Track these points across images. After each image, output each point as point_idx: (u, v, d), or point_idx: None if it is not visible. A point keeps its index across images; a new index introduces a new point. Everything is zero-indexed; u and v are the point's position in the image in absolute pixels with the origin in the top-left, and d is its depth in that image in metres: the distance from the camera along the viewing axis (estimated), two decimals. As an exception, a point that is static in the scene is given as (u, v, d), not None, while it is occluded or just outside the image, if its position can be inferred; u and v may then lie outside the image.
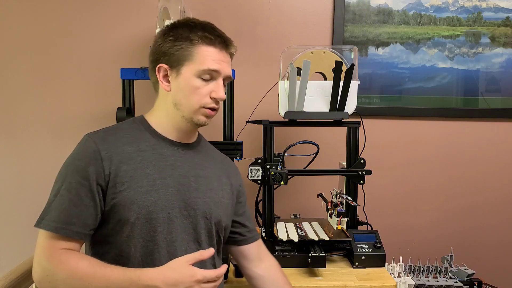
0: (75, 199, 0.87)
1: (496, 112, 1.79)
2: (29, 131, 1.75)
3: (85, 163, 0.89)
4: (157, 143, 0.98)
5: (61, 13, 1.71)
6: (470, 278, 1.42)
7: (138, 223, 0.90)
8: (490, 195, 1.83)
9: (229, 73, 0.99)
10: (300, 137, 1.51)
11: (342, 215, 1.35)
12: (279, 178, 1.33)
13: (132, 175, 0.91)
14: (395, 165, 1.81)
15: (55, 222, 0.86)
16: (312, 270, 1.27)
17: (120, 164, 0.91)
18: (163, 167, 0.96)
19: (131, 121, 1.03)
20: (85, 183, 0.88)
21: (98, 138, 0.93)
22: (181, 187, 0.96)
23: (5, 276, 1.02)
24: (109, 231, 0.91)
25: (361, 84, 1.66)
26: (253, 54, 1.74)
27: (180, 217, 0.95)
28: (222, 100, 0.98)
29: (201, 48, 0.95)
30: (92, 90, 1.74)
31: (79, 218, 0.87)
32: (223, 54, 0.98)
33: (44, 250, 0.86)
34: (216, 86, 0.97)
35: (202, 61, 0.94)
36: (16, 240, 1.75)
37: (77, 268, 0.83)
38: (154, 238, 0.91)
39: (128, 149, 0.94)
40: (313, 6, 1.73)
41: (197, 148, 1.07)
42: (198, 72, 0.94)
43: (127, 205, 0.89)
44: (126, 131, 0.98)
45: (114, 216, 0.90)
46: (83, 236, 0.88)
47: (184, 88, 0.96)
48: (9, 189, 1.77)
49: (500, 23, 1.77)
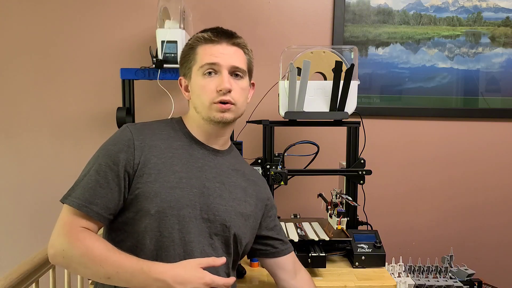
0: (102, 181, 0.89)
1: (496, 112, 1.79)
2: (29, 131, 1.75)
3: (118, 149, 0.92)
4: (188, 144, 1.01)
5: (61, 13, 1.71)
6: (470, 278, 1.42)
7: (158, 216, 0.91)
8: (490, 195, 1.83)
9: (233, 63, 0.98)
10: (300, 137, 1.51)
11: (342, 215, 1.35)
12: (279, 178, 1.33)
13: (160, 169, 0.93)
14: (395, 165, 1.81)
15: (79, 199, 0.88)
16: (312, 270, 1.27)
17: (150, 156, 0.93)
18: (191, 167, 0.97)
19: (170, 120, 1.06)
20: (114, 168, 0.90)
21: (135, 129, 0.97)
22: (205, 190, 0.97)
23: (5, 276, 1.02)
24: (129, 220, 0.92)
25: (361, 84, 1.66)
26: (253, 54, 1.74)
27: (199, 219, 0.95)
28: (226, 90, 0.96)
29: (200, 48, 0.99)
30: (92, 90, 1.74)
31: (102, 200, 0.89)
32: (223, 46, 0.99)
33: (64, 225, 0.88)
34: (220, 79, 0.97)
35: (201, 58, 0.97)
36: (16, 240, 1.75)
37: (92, 249, 0.85)
38: (171, 234, 0.92)
39: (161, 144, 0.97)
40: (313, 6, 1.74)
41: (227, 156, 1.07)
42: (200, 70, 0.97)
43: (151, 196, 0.91)
44: (162, 128, 1.01)
45: (136, 205, 0.91)
46: (102, 219, 0.90)
47: (195, 90, 0.99)
48: (9, 189, 1.77)
49: (500, 23, 1.77)
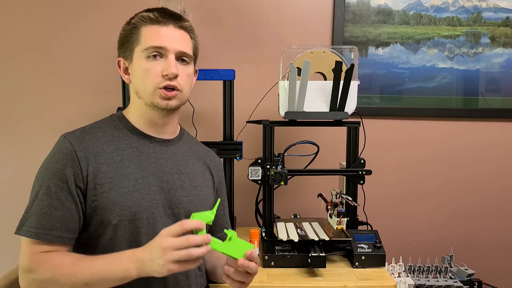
0: (55, 203, 0.84)
1: (496, 112, 1.79)
2: (29, 131, 1.75)
3: (62, 165, 0.85)
4: (137, 141, 0.95)
5: (61, 13, 1.71)
6: (470, 278, 1.42)
7: (121, 225, 0.87)
8: (490, 195, 1.83)
9: (180, 48, 0.93)
10: (300, 137, 1.51)
11: (342, 215, 1.35)
12: (279, 178, 1.33)
13: (113, 176, 0.88)
14: (395, 165, 1.81)
15: (35, 228, 0.83)
16: (312, 270, 1.27)
17: (98, 165, 0.88)
18: (144, 165, 0.93)
19: (110, 118, 0.99)
20: (64, 186, 0.85)
21: (74, 138, 0.90)
22: (164, 185, 0.94)
23: (5, 276, 1.02)
24: (91, 234, 0.89)
25: (361, 84, 1.66)
26: (253, 54, 1.74)
27: (164, 216, 0.93)
28: (173, 75, 0.90)
29: (144, 29, 0.92)
30: (92, 90, 1.74)
31: (61, 222, 0.84)
32: (170, 29, 0.92)
33: (25, 255, 0.84)
34: (166, 63, 0.91)
35: (146, 40, 0.91)
36: (16, 240, 1.74)
37: (61, 265, 0.81)
38: (138, 239, 0.89)
39: (107, 148, 0.91)
40: (313, 6, 1.74)
41: (179, 143, 1.03)
42: (144, 52, 0.91)
43: (109, 207, 0.86)
44: (105, 129, 0.95)
45: (96, 219, 0.87)
46: (67, 240, 0.86)
47: (136, 73, 0.93)
48: (9, 189, 1.77)
49: (500, 23, 1.77)
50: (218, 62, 1.72)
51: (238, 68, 1.53)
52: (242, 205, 1.68)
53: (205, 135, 1.70)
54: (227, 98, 1.47)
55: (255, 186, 1.47)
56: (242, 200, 1.69)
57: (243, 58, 1.73)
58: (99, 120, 1.00)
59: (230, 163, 1.50)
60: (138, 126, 0.97)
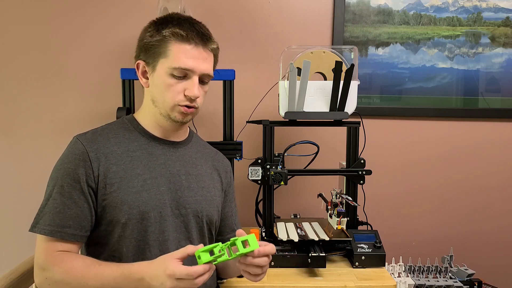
0: (68, 202, 0.87)
1: (496, 112, 1.79)
2: (29, 131, 1.75)
3: (75, 166, 0.89)
4: (146, 142, 0.98)
5: (61, 13, 1.71)
6: (470, 278, 1.42)
7: (130, 223, 0.90)
8: (490, 195, 1.83)
9: (205, 70, 0.95)
10: (300, 137, 1.51)
11: (342, 215, 1.35)
12: (279, 178, 1.33)
13: (122, 176, 0.91)
14: (395, 165, 1.81)
15: (50, 226, 0.86)
16: (312, 270, 1.27)
17: (109, 165, 0.91)
18: (153, 166, 0.96)
19: (121, 120, 1.02)
20: (77, 185, 0.88)
21: (86, 139, 0.93)
22: (172, 186, 0.96)
23: (5, 276, 1.02)
24: (101, 232, 0.92)
25: (361, 84, 1.66)
26: (253, 54, 1.74)
27: (171, 216, 0.95)
28: (195, 97, 0.94)
29: (174, 45, 0.92)
30: (92, 90, 1.74)
31: (74, 221, 0.87)
32: (199, 50, 0.94)
33: (41, 253, 0.87)
34: (190, 84, 0.93)
35: (175, 58, 0.92)
36: (16, 240, 1.75)
37: (72, 269, 0.84)
38: (146, 238, 0.92)
39: (117, 149, 0.94)
40: (313, 6, 1.73)
41: (188, 145, 1.06)
42: (171, 69, 0.92)
43: (118, 206, 0.90)
44: (115, 131, 0.98)
45: (106, 217, 0.90)
46: (80, 238, 0.89)
47: (158, 85, 0.94)
48: (9, 189, 1.77)
49: (500, 23, 1.77)
50: (218, 62, 1.71)
51: (238, 68, 1.53)
52: (242, 205, 1.67)
53: (205, 135, 1.69)
54: (227, 98, 1.47)
55: (255, 186, 1.47)
56: (242, 200, 1.68)
57: (243, 58, 1.73)
58: (110, 122, 1.03)
59: (230, 163, 1.50)
60: (149, 129, 1.00)
